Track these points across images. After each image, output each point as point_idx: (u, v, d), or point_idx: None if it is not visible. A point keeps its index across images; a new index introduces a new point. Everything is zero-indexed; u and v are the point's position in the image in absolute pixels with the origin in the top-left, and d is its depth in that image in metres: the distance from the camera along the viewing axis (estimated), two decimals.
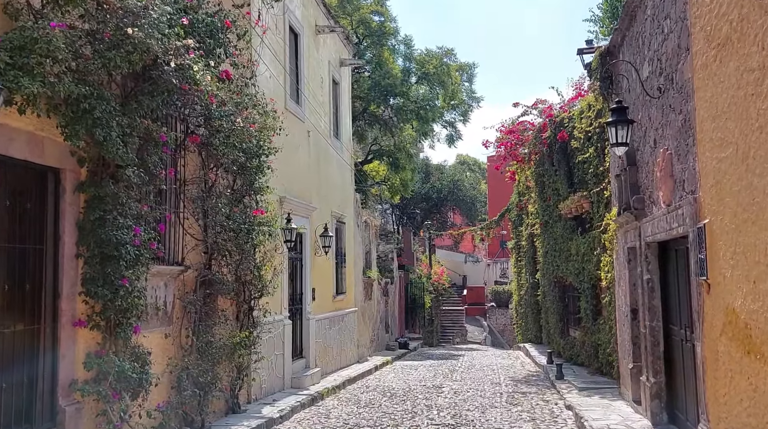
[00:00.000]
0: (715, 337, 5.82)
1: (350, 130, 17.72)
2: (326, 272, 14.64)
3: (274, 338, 11.04)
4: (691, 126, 6.33)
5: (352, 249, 17.43)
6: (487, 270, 52.27)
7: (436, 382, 14.21)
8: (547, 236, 18.75)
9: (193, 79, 6.14)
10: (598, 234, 13.41)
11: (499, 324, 47.23)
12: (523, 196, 24.61)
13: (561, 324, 18.14)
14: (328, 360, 14.47)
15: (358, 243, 18.40)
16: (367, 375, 15.29)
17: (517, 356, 21.36)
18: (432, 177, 46.49)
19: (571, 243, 16.14)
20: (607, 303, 12.64)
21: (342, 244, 16.18)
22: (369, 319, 19.34)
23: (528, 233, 22.96)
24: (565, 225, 16.86)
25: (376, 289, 20.47)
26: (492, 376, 15.53)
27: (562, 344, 17.68)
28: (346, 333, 16.23)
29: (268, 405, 9.90)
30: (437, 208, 45.93)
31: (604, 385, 12.59)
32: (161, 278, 7.25)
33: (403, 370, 16.85)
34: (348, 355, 16.34)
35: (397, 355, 20.26)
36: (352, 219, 17.51)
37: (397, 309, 24.85)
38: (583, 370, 15.15)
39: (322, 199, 14.40)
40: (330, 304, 14.93)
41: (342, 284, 16.06)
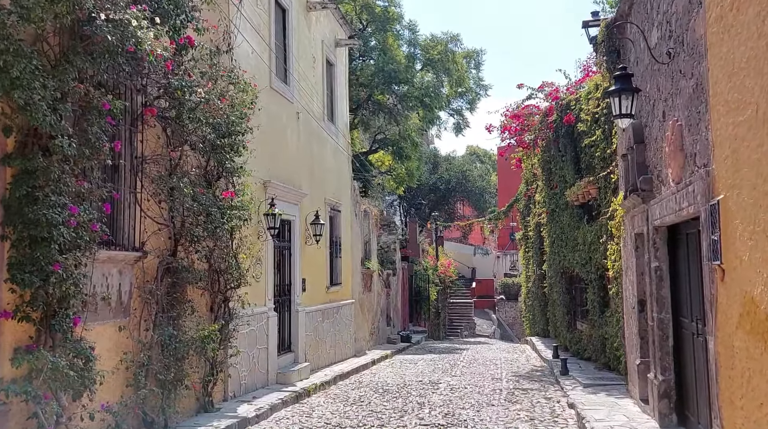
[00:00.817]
0: (730, 331, 5.05)
1: (347, 114, 16.99)
2: (319, 262, 13.94)
3: (256, 331, 10.35)
4: (703, 90, 5.54)
5: (349, 238, 16.72)
6: (496, 262, 51.44)
7: (434, 377, 13.49)
8: (554, 225, 17.96)
9: (135, 36, 5.40)
10: (605, 221, 12.62)
11: (509, 317, 46.47)
12: (530, 185, 23.81)
13: (568, 317, 17.37)
14: (321, 354, 13.79)
15: (356, 233, 17.69)
16: (363, 370, 14.60)
17: (523, 350, 20.62)
18: (440, 168, 45.63)
19: (578, 232, 15.36)
20: (614, 294, 11.86)
21: (337, 233, 15.47)
22: (368, 312, 18.65)
23: (535, 222, 22.16)
24: (572, 213, 16.07)
25: (376, 280, 19.77)
26: (494, 371, 14.79)
27: (569, 338, 16.91)
28: (342, 326, 15.55)
29: (246, 403, 9.22)
30: (445, 200, 45.09)
31: (610, 381, 11.83)
32: (114, 265, 6.56)
33: (402, 364, 16.15)
34: (344, 348, 15.66)
35: (398, 348, 19.56)
36: (349, 208, 16.80)
37: (400, 301, 24.14)
38: (589, 365, 14.38)
39: (314, 185, 13.69)
40: (323, 295, 14.24)
41: (337, 275, 15.36)
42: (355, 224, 17.64)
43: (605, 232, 12.12)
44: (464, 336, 40.41)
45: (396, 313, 23.26)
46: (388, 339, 21.07)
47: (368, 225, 19.35)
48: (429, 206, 43.40)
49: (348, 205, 16.63)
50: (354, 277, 17.18)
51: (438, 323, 33.69)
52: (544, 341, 20.45)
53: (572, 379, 12.45)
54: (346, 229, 16.31)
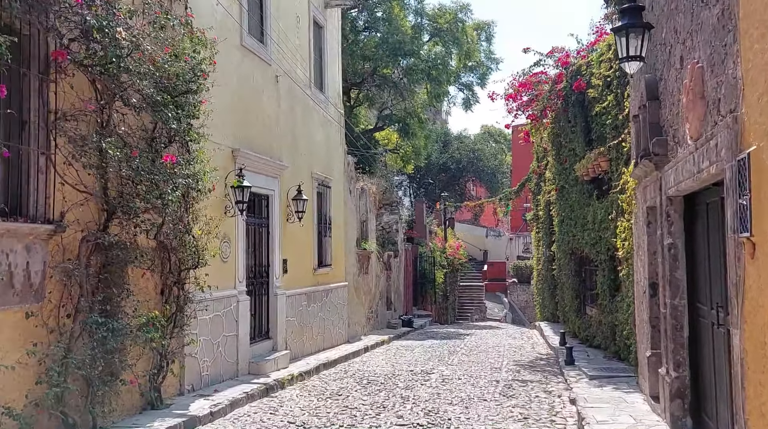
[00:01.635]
0: (761, 323, 3.91)
1: (339, 83, 15.82)
2: (304, 242, 12.88)
3: (222, 317, 9.32)
4: (730, 16, 4.35)
5: (342, 217, 15.63)
6: (509, 244, 50.19)
7: (428, 366, 12.42)
8: (563, 203, 16.75)
9: None
10: (615, 196, 11.42)
11: (521, 301, 45.38)
12: (541, 161, 22.54)
13: (577, 301, 16.21)
14: (306, 341, 12.77)
15: (351, 211, 16.60)
16: (353, 357, 13.56)
17: (530, 336, 19.50)
18: (451, 146, 44.29)
19: (587, 209, 14.16)
20: (625, 276, 10.69)
21: (327, 210, 14.39)
22: (365, 295, 17.61)
23: (545, 201, 20.94)
24: (582, 189, 14.85)
25: (374, 262, 18.70)
26: (495, 359, 13.70)
27: (578, 324, 15.77)
28: (333, 310, 14.51)
29: (204, 397, 8.20)
30: (456, 180, 43.80)
31: (619, 373, 10.69)
32: (17, 240, 5.52)
33: (397, 351, 15.10)
34: (335, 334, 14.63)
35: (397, 334, 18.53)
36: (342, 184, 15.70)
37: (402, 284, 23.08)
38: (598, 354, 13.24)
39: (297, 157, 12.59)
40: (309, 277, 13.19)
41: (326, 256, 14.30)
42: (350, 202, 16.55)
43: (615, 208, 10.93)
44: (474, 320, 39.36)
45: (398, 297, 22.21)
46: (388, 324, 20.04)
47: (365, 203, 18.24)
48: (439, 187, 42.17)
49: (340, 180, 15.52)
50: (348, 258, 16.12)
51: (446, 307, 32.64)
52: (553, 327, 19.32)
53: (577, 370, 11.34)
54: (337, 206, 15.22)
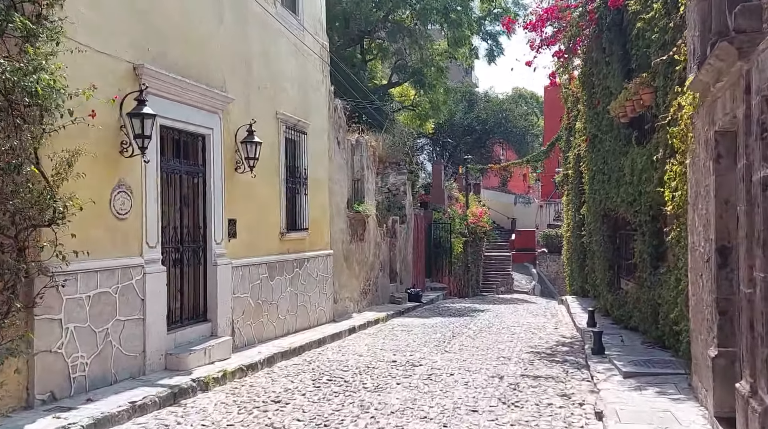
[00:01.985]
0: None
1: (322, 8, 13.02)
2: (265, 199, 10.31)
3: (114, 295, 6.79)
4: None
5: (326, 172, 13.00)
6: (539, 212, 47.10)
7: (419, 354, 9.85)
8: (595, 155, 13.89)
9: None
10: (661, 135, 8.61)
11: (551, 272, 42.57)
12: (571, 111, 19.57)
13: (609, 273, 13.44)
14: (268, 322, 10.27)
15: (340, 166, 13.96)
16: (330, 342, 11.03)
17: (555, 313, 16.79)
18: (477, 106, 41.15)
19: (624, 159, 11.33)
20: (674, 241, 7.89)
21: (302, 162, 11.75)
22: (359, 266, 15.05)
23: (574, 156, 18.03)
24: (617, 135, 12.00)
25: (372, 227, 16.10)
26: (506, 344, 11.05)
27: (611, 300, 13.03)
28: (311, 283, 11.97)
29: (61, 412, 5.71)
30: (482, 143, 40.70)
31: (665, 368, 8.00)
32: None
33: (391, 332, 12.54)
34: (314, 313, 12.12)
35: (399, 310, 15.99)
36: (326, 132, 13.03)
37: (411, 254, 20.43)
38: (635, 338, 10.53)
39: (252, 90, 9.95)
40: (274, 243, 10.64)
41: (301, 217, 11.72)
42: (338, 155, 13.89)
43: (663, 147, 8.10)
44: (500, 292, 36.77)
45: (405, 268, 19.60)
46: (392, 298, 17.49)
47: (361, 159, 15.57)
48: (464, 150, 39.13)
49: (323, 128, 12.85)
50: (335, 221, 13.53)
51: (467, 279, 29.97)
52: (582, 302, 16.57)
53: (608, 363, 8.66)
54: (319, 158, 12.58)
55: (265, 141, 10.18)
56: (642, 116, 10.92)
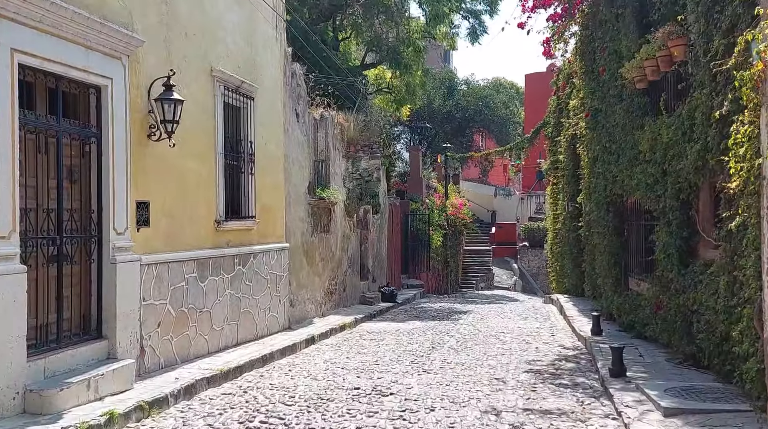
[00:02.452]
0: None
1: None
2: (195, 176, 8.09)
3: None
4: None
5: (281, 149, 10.80)
6: (520, 205, 45.37)
7: (390, 376, 7.72)
8: (599, 132, 11.84)
9: None
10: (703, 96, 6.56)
11: (532, 266, 40.81)
12: (561, 91, 17.54)
13: (615, 270, 11.42)
14: (196, 336, 8.06)
15: (299, 143, 11.76)
16: (277, 359, 8.84)
17: (547, 315, 14.77)
18: (456, 93, 39.07)
19: (640, 133, 9.29)
20: (737, 227, 5.78)
21: (248, 134, 9.54)
22: (323, 262, 12.89)
23: (568, 137, 16.00)
24: (630, 106, 9.96)
25: (339, 217, 13.93)
26: (497, 358, 8.98)
27: (617, 302, 11.01)
28: (259, 284, 9.79)
29: None
30: (462, 131, 38.60)
31: (717, 400, 5.98)
32: None
33: (359, 343, 10.40)
34: (263, 320, 9.94)
35: (371, 312, 13.87)
36: (281, 100, 10.82)
37: (386, 248, 18.30)
38: (656, 352, 8.55)
39: (176, 36, 7.70)
40: (208, 234, 8.44)
41: (246, 202, 9.51)
42: (296, 130, 11.68)
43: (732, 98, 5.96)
44: (480, 288, 34.92)
45: (378, 263, 17.45)
46: (363, 298, 15.34)
47: (327, 137, 13.37)
48: (443, 138, 37.01)
49: (276, 95, 10.64)
50: (292, 209, 11.34)
51: (446, 274, 27.93)
52: (578, 303, 14.58)
53: (635, 390, 6.61)
54: (271, 131, 10.37)
55: (195, 103, 7.98)
56: (663, 80, 8.90)
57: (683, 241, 8.03)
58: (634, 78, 9.23)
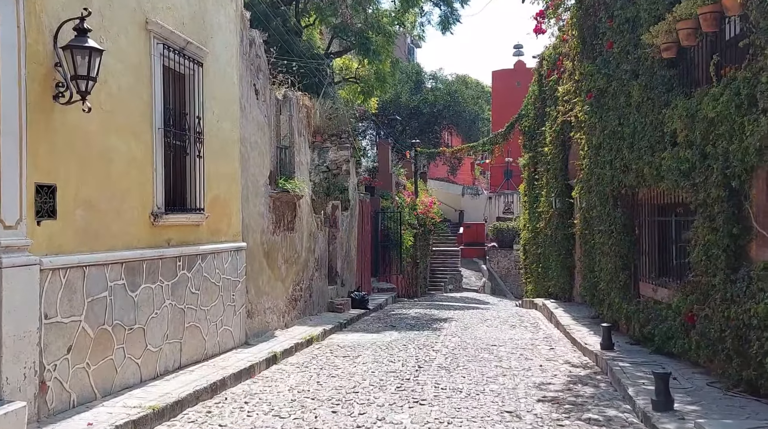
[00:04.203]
0: None
1: None
2: (122, 155, 6.32)
3: None
4: None
5: (235, 128, 9.03)
6: (488, 204, 44.22)
7: (373, 409, 6.07)
8: (604, 116, 10.36)
9: None
10: None
11: (502, 268, 39.69)
12: (547, 78, 16.08)
13: (623, 274, 9.95)
14: (125, 360, 6.28)
15: (258, 124, 10.01)
16: (230, 386, 7.10)
17: (535, 323, 13.27)
18: (424, 88, 37.55)
19: (668, 112, 7.80)
20: None
21: (195, 108, 7.77)
22: (288, 264, 11.16)
23: (557, 127, 14.52)
24: (651, 81, 8.46)
25: (305, 213, 12.22)
26: (500, 381, 7.38)
27: (628, 311, 9.53)
28: (211, 292, 8.03)
29: None
30: (430, 127, 37.08)
31: None
32: None
33: (329, 361, 8.71)
34: (214, 335, 8.17)
35: (341, 321, 12.17)
36: (236, 70, 9.04)
37: (356, 248, 16.61)
38: (693, 375, 7.04)
39: None
40: (142, 230, 6.66)
41: (193, 192, 7.75)
42: (255, 109, 9.93)
43: None
44: (449, 290, 33.59)
45: (348, 265, 15.75)
46: (331, 305, 13.63)
47: (291, 121, 11.64)
48: (410, 135, 35.42)
49: (231, 64, 8.87)
50: (251, 202, 9.58)
51: (416, 276, 26.40)
52: (569, 309, 13.10)
53: None
54: (225, 108, 8.61)
55: (124, 63, 6.21)
56: (690, 51, 7.45)
57: (732, 240, 6.56)
58: (660, 46, 7.74)
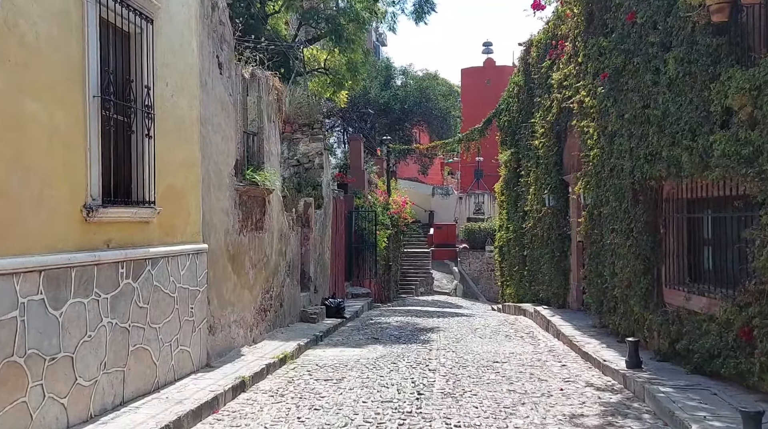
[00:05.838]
0: None
1: None
2: (41, 126, 4.78)
3: None
4: None
5: (194, 104, 7.47)
6: (458, 205, 43.07)
7: None
8: (623, 98, 9.05)
9: None
10: None
11: (473, 270, 38.56)
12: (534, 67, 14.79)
13: (646, 279, 8.65)
14: (43, 399, 4.72)
15: (220, 102, 8.47)
16: (187, 427, 5.58)
17: (530, 332, 11.96)
18: (394, 83, 36.20)
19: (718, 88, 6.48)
20: None
21: (141, 74, 6.20)
22: (257, 269, 9.63)
23: (553, 114, 13.21)
24: (689, 53, 7.14)
25: (276, 211, 10.70)
26: (523, 412, 6.01)
27: (653, 322, 8.23)
28: (163, 305, 6.48)
29: None
30: (400, 124, 35.70)
31: None
32: None
33: (309, 387, 7.23)
34: (167, 359, 6.62)
35: (316, 333, 10.68)
36: (195, 35, 7.49)
37: (330, 250, 15.12)
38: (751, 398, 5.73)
39: None
40: (72, 227, 5.11)
41: (141, 180, 6.19)
42: (218, 84, 8.39)
43: None
44: (420, 293, 32.31)
45: (322, 270, 14.25)
46: (304, 314, 12.11)
47: (259, 103, 10.10)
48: (379, 131, 34.00)
49: (190, 27, 7.33)
50: (213, 196, 8.03)
51: (388, 280, 25.00)
52: (569, 317, 11.79)
53: None
54: (182, 80, 7.06)
55: (42, 6, 4.63)
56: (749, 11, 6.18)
57: None
58: (710, 7, 6.45)
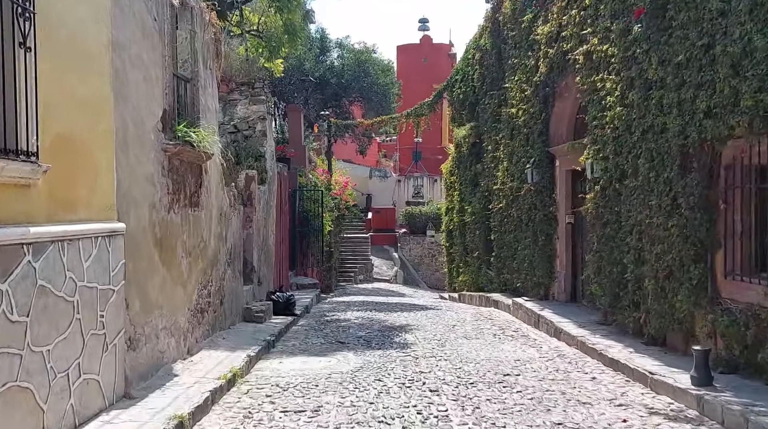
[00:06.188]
0: None
1: None
2: None
3: None
4: None
5: (103, 24, 5.12)
6: (397, 188, 41.24)
7: None
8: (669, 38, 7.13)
9: None
10: None
11: (414, 256, 37.00)
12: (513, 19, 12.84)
13: (698, 268, 6.79)
14: None
15: (141, 27, 6.09)
16: None
17: (517, 329, 10.10)
18: (329, 55, 33.74)
19: None
20: None
21: None
22: (193, 257, 7.27)
23: (541, 75, 11.27)
24: None
25: (214, 182, 8.32)
26: None
27: (708, 322, 6.39)
28: (57, 315, 4.18)
29: None
30: (337, 100, 33.29)
31: None
32: None
33: (275, 423, 5.03)
34: (63, 395, 4.32)
35: (267, 337, 8.43)
36: None
37: (274, 234, 12.79)
38: None
39: None
40: None
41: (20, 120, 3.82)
42: (140, 3, 5.98)
43: None
44: (359, 281, 30.44)
45: (266, 258, 11.91)
46: (247, 312, 9.80)
47: (193, 40, 7.72)
48: (315, 107, 31.52)
49: None
50: (132, 155, 5.66)
51: (329, 268, 22.76)
52: (564, 313, 9.92)
53: None
54: None
55: None
56: None
57: None
58: None
